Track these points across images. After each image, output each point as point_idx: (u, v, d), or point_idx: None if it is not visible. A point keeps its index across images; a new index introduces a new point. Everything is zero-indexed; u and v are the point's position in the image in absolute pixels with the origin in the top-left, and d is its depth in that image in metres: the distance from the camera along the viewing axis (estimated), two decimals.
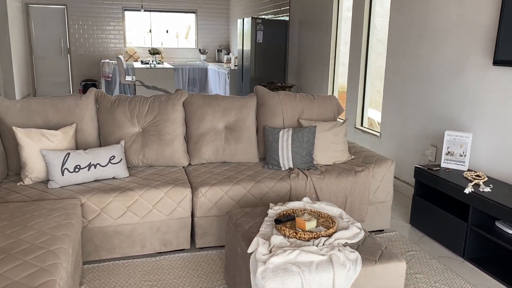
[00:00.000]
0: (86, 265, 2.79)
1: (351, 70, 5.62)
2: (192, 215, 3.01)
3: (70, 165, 2.82)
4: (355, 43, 5.50)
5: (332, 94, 6.39)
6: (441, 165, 3.46)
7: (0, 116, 3.04)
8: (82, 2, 10.88)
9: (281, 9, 7.98)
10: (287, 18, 7.74)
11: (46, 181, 2.91)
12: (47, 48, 11.01)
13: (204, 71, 11.42)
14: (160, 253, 2.98)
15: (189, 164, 3.42)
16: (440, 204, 3.30)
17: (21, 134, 2.85)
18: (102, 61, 10.60)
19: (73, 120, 3.17)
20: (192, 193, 2.96)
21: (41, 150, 2.85)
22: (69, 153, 2.86)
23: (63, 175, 2.81)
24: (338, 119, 4.65)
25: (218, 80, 10.37)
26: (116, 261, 2.84)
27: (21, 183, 2.86)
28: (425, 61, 4.06)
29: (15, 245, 2.01)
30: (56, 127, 3.11)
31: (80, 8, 10.91)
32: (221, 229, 3.03)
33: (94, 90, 3.34)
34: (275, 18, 8.19)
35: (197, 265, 2.83)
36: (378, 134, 4.94)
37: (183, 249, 3.03)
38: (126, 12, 11.33)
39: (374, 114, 5.50)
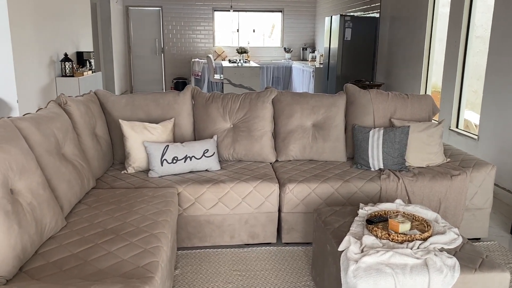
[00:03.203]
0: (179, 251, 2.97)
1: (446, 69, 5.32)
2: (279, 210, 3.06)
3: (168, 156, 3.02)
4: (452, 40, 5.19)
5: (425, 93, 6.10)
6: None
7: (108, 110, 3.34)
8: (175, 3, 11.49)
9: (371, 5, 7.77)
10: (377, 15, 7.52)
11: (146, 170, 3.14)
12: (143, 48, 11.79)
13: (288, 69, 11.48)
14: (247, 245, 3.08)
15: (276, 161, 3.48)
16: None
17: (126, 126, 3.11)
18: (193, 60, 11.11)
19: (172, 115, 3.38)
20: (279, 188, 3.02)
21: (143, 141, 3.08)
22: (168, 145, 3.06)
23: (162, 165, 3.01)
24: (432, 120, 4.43)
25: (302, 78, 10.37)
26: (207, 249, 2.99)
27: (125, 171, 3.12)
28: None
29: (123, 227, 2.21)
30: (156, 121, 3.34)
31: (174, 10, 11.53)
32: (307, 225, 3.05)
33: (191, 87, 3.53)
34: (365, 15, 8.00)
35: (283, 259, 2.88)
36: (476, 137, 4.63)
37: (269, 243, 3.10)
38: (215, 13, 11.75)
39: (470, 115, 5.16)
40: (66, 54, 6.18)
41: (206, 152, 3.14)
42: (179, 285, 2.56)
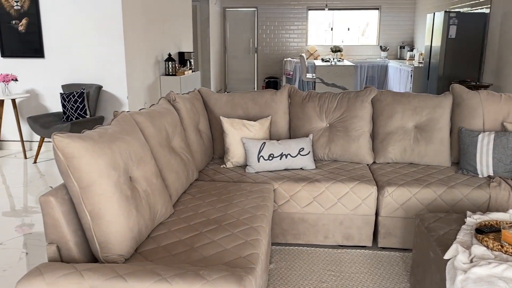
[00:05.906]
0: (273, 246, 3.03)
1: None
2: (376, 214, 2.98)
3: (265, 153, 3.09)
4: None
5: None
6: None
7: (210, 107, 3.51)
8: (270, 4, 11.68)
9: (480, 0, 7.21)
10: (487, 11, 6.95)
11: (243, 165, 3.25)
12: (238, 48, 12.16)
13: (384, 68, 11.08)
14: (341, 246, 3.04)
15: (374, 162, 3.39)
16: None
17: (226, 123, 3.24)
18: (285, 59, 11.21)
19: (269, 113, 3.45)
20: (377, 191, 2.93)
21: (241, 138, 3.19)
22: (264, 143, 3.13)
23: (258, 161, 3.09)
24: None
25: (399, 77, 9.95)
26: (300, 247, 3.01)
27: (224, 165, 3.26)
28: None
29: (224, 218, 2.31)
30: (254, 119, 3.43)
31: (268, 10, 11.73)
32: (406, 231, 2.93)
33: (288, 86, 3.57)
34: (472, 11, 7.44)
35: (379, 264, 2.80)
36: None
37: (365, 246, 3.03)
38: (309, 12, 11.73)
39: None
40: (169, 54, 6.60)
41: (302, 150, 3.16)
42: (274, 279, 2.61)
